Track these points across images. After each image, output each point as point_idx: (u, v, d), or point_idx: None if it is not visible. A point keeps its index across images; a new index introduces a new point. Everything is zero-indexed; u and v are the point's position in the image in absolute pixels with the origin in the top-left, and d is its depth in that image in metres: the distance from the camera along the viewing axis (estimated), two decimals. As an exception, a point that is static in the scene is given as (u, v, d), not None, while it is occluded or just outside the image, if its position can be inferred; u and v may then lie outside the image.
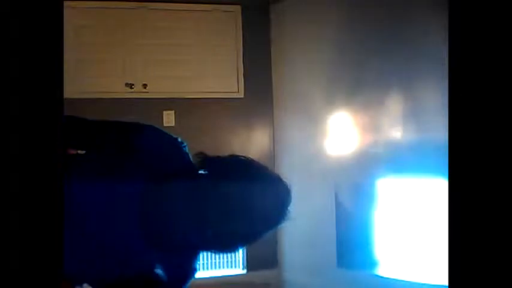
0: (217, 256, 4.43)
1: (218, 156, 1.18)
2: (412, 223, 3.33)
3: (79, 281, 1.24)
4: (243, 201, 1.08)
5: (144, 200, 1.15)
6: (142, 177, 1.17)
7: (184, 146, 1.26)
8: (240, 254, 4.47)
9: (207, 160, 1.18)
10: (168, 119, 4.22)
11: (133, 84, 4.19)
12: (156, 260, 1.18)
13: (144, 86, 4.22)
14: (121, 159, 1.20)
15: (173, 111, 4.25)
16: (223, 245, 1.16)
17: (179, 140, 1.27)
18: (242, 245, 1.19)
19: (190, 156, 1.24)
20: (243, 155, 1.18)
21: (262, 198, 1.11)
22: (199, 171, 1.16)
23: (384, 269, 3.51)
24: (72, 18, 3.92)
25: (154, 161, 1.20)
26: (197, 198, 1.10)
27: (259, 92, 4.48)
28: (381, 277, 3.50)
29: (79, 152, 1.27)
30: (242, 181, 1.11)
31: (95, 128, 1.31)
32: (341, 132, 3.84)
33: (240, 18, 4.45)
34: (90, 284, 1.24)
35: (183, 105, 4.28)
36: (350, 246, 3.74)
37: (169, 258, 1.20)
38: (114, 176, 1.18)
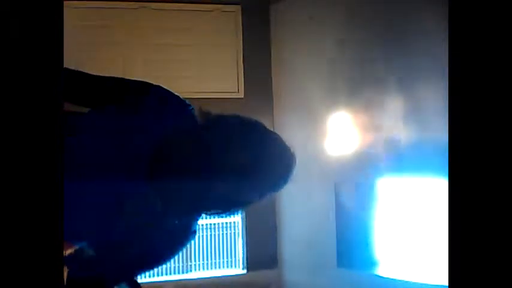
0: (217, 256, 4.44)
1: (221, 115, 1.14)
2: (412, 223, 3.34)
3: (78, 241, 1.22)
4: (246, 161, 1.05)
5: (149, 160, 1.12)
6: (148, 136, 1.15)
7: (192, 109, 1.23)
8: (240, 254, 4.47)
9: (210, 117, 1.15)
10: (168, 118, 4.23)
11: (133, 84, 4.19)
12: (158, 222, 1.16)
13: (144, 86, 4.22)
14: (127, 117, 1.17)
15: (173, 111, 4.25)
16: (225, 206, 1.13)
17: (187, 102, 1.24)
18: (243, 207, 1.16)
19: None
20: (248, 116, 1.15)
21: (265, 158, 1.08)
22: (203, 130, 1.13)
23: (384, 269, 3.52)
24: (72, 18, 3.92)
25: (160, 121, 1.17)
26: (201, 159, 1.07)
27: (259, 92, 4.48)
28: (381, 277, 3.50)
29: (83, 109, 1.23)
30: (245, 139, 1.08)
31: (101, 84, 1.28)
32: (341, 131, 3.84)
33: (240, 18, 4.45)
34: (89, 244, 1.21)
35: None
36: (350, 246, 3.75)
37: (171, 219, 1.18)
38: (119, 136, 1.15)
